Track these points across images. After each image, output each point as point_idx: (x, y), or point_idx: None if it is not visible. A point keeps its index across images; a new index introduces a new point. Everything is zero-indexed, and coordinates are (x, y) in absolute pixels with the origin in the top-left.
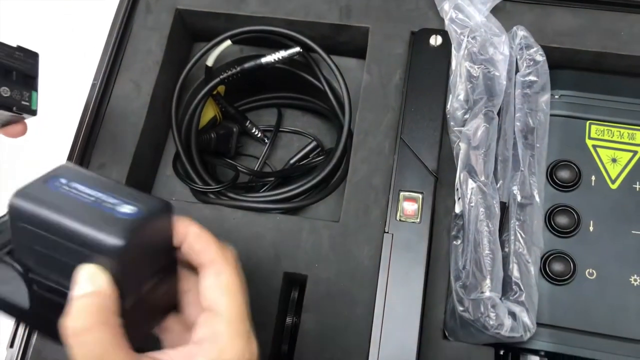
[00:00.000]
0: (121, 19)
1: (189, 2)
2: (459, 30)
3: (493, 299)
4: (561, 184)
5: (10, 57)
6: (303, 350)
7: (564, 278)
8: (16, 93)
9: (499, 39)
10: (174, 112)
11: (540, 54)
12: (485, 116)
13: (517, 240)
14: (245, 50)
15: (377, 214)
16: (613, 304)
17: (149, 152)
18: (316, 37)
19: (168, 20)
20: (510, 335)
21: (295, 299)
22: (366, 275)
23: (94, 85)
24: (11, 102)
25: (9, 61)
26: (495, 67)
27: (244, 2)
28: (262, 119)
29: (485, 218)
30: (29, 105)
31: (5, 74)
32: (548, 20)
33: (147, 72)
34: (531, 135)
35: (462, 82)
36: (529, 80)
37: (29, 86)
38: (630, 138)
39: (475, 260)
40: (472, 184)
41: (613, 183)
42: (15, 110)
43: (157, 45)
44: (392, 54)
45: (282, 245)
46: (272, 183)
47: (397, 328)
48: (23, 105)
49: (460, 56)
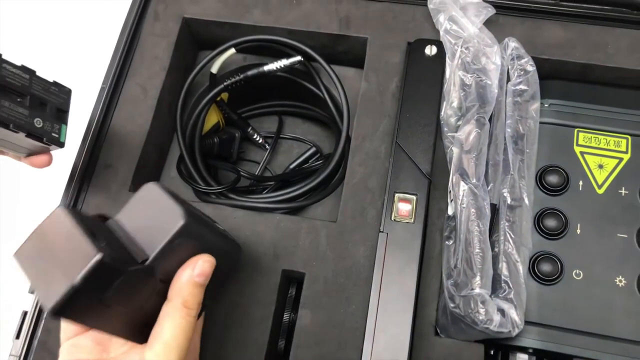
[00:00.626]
0: (130, 26)
1: (195, 12)
2: (453, 40)
3: (483, 295)
4: (550, 188)
5: (46, 90)
6: (300, 345)
7: (552, 278)
8: (48, 125)
9: (491, 50)
10: (178, 117)
11: (531, 64)
12: (477, 122)
13: (507, 241)
14: (248, 59)
15: (373, 215)
16: (599, 303)
17: (154, 153)
18: (316, 47)
19: (175, 28)
20: (498, 331)
21: (293, 296)
22: (362, 273)
23: (103, 89)
24: (42, 133)
25: (44, 94)
26: (488, 76)
27: (247, 12)
28: (264, 126)
29: (476, 218)
30: (58, 137)
31: (40, 106)
32: (539, 33)
33: (154, 77)
34: (521, 141)
35: (455, 90)
36: (520, 89)
37: (60, 119)
38: (616, 145)
39: (466, 258)
40: (464, 186)
41: (600, 188)
42: (45, 141)
43: (164, 52)
44: (389, 63)
45: (281, 244)
46: (272, 187)
47: (391, 324)
48: (53, 137)
49: (454, 65)
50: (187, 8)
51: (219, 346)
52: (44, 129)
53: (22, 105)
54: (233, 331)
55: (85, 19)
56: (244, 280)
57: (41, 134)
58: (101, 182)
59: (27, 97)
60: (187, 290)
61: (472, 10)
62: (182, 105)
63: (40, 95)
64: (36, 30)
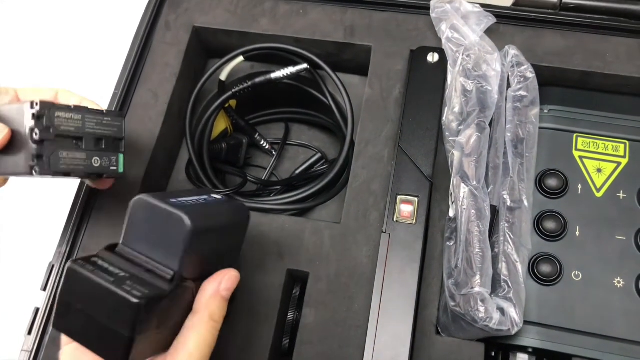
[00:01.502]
0: (142, 35)
1: (205, 21)
2: (454, 48)
3: (482, 294)
4: (549, 191)
5: (99, 124)
6: (303, 342)
7: (552, 279)
8: (105, 160)
9: (491, 57)
10: (188, 122)
11: (530, 71)
12: (477, 126)
13: (506, 241)
14: (256, 67)
15: (375, 217)
16: (597, 304)
17: (163, 157)
18: (322, 55)
19: (185, 37)
20: (498, 329)
21: (297, 295)
22: (364, 273)
23: (115, 94)
24: (101, 170)
25: (99, 129)
26: (488, 82)
27: (255, 21)
28: (271, 133)
29: (476, 219)
30: (117, 169)
31: (96, 142)
32: (538, 41)
33: (165, 83)
34: (521, 145)
35: (457, 96)
36: (520, 95)
37: (116, 149)
38: (614, 150)
39: (467, 258)
40: (464, 188)
41: (598, 191)
42: (105, 177)
43: (174, 59)
44: (392, 70)
45: (286, 244)
46: (278, 191)
47: (392, 322)
48: (111, 171)
49: (456, 72)
50: (197, 18)
51: (225, 343)
52: (102, 166)
53: (79, 149)
54: (239, 329)
55: (99, 29)
56: (250, 279)
57: (100, 171)
58: (112, 185)
59: (82, 139)
60: (214, 304)
61: (474, 19)
62: (191, 111)
63: (94, 132)
64: (53, 39)
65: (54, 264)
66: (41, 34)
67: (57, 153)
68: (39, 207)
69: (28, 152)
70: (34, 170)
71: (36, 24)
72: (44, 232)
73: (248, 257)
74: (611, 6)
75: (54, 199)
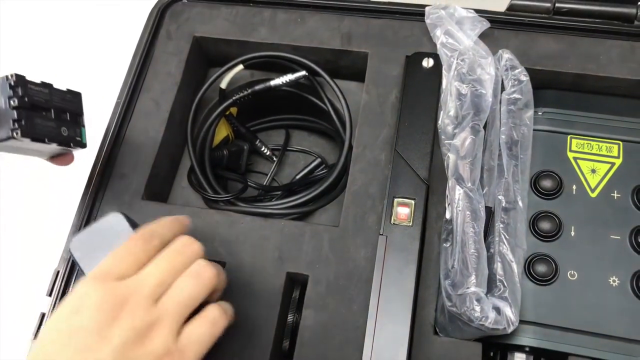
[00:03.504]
0: (144, 45)
1: (205, 31)
2: (449, 53)
3: (478, 293)
4: (544, 192)
5: (63, 100)
6: (303, 344)
7: (547, 279)
8: (71, 131)
9: (485, 61)
10: (189, 130)
11: (524, 74)
12: (472, 129)
13: (502, 241)
14: (255, 75)
15: (373, 220)
16: (593, 303)
17: (166, 164)
18: (320, 62)
19: (186, 47)
20: (494, 327)
21: (296, 298)
22: (362, 275)
23: (118, 103)
24: (69, 139)
25: (63, 104)
26: (482, 86)
27: (255, 30)
28: (271, 139)
29: (472, 220)
30: (81, 140)
31: (62, 115)
32: (532, 45)
33: (167, 92)
34: (515, 147)
35: (452, 100)
36: (514, 98)
37: (79, 123)
38: (608, 151)
39: (462, 259)
40: (459, 190)
41: (593, 192)
42: (72, 146)
43: (176, 69)
44: (388, 76)
45: (285, 248)
46: (278, 196)
47: (390, 323)
48: (77, 141)
49: (451, 76)
50: (197, 27)
51: (225, 345)
52: (69, 136)
53: (49, 119)
54: (239, 331)
55: (102, 40)
56: (251, 282)
57: (68, 140)
58: (116, 191)
59: (51, 110)
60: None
61: (468, 24)
62: (192, 118)
63: (60, 105)
64: (56, 49)
65: (59, 270)
66: (44, 44)
67: (33, 119)
68: (44, 213)
69: (8, 119)
70: (15, 133)
71: (39, 34)
72: (50, 238)
73: (249, 261)
74: (603, 9)
75: (59, 207)
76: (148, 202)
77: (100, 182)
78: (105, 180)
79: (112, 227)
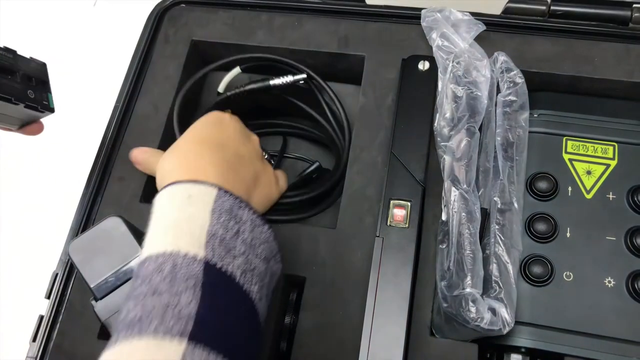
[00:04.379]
0: (142, 48)
1: (203, 34)
2: (445, 56)
3: (473, 294)
4: (540, 193)
5: (28, 66)
6: (301, 345)
7: (543, 280)
8: (38, 95)
9: (481, 63)
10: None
11: (520, 76)
12: (467, 131)
13: (497, 243)
14: (253, 79)
15: (370, 222)
16: (589, 304)
17: None
18: (317, 65)
19: (184, 50)
20: (489, 328)
21: (294, 299)
22: (359, 277)
23: (116, 107)
24: (36, 102)
25: (28, 70)
26: (478, 88)
27: (252, 34)
28: (269, 145)
29: (467, 222)
30: (48, 104)
31: (27, 80)
32: (528, 47)
33: (165, 95)
34: (510, 149)
35: (448, 102)
36: (509, 100)
37: (46, 89)
38: (603, 152)
39: (458, 260)
40: (455, 192)
41: (588, 193)
42: (39, 108)
43: (174, 72)
44: (385, 79)
45: (282, 250)
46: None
47: (387, 324)
48: (45, 105)
49: (446, 79)
50: (195, 31)
51: None
52: (36, 99)
53: (15, 82)
54: None
55: (100, 44)
56: None
57: (36, 103)
58: (114, 193)
59: (16, 73)
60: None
61: (463, 27)
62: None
63: (25, 70)
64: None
65: (58, 273)
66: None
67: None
68: (43, 217)
69: None
70: None
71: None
72: (48, 241)
73: None
74: (598, 12)
75: (58, 210)
76: (146, 205)
77: (98, 185)
78: (103, 183)
79: (110, 231)
